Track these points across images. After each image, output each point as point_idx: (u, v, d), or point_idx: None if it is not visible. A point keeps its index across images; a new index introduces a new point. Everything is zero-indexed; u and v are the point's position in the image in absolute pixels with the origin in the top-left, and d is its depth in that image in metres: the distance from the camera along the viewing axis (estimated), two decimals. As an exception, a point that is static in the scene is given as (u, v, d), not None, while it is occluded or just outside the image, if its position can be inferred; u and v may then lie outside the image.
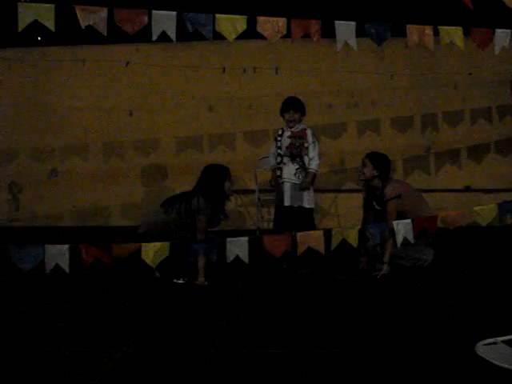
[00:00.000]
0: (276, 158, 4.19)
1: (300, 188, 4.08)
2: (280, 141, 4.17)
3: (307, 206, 4.12)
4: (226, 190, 3.92)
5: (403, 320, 2.99)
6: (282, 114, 4.21)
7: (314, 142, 4.13)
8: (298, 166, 4.11)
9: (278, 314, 3.15)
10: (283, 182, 4.13)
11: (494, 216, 3.35)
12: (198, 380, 2.31)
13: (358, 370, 2.37)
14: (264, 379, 2.31)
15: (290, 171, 4.12)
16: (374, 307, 3.24)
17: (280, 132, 4.21)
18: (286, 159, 4.13)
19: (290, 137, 4.14)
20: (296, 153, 4.10)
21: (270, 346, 2.66)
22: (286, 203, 4.11)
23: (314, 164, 4.10)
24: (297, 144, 4.10)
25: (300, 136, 4.12)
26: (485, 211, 3.36)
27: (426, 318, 3.02)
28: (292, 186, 4.11)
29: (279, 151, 4.15)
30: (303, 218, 4.09)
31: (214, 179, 3.91)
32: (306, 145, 4.10)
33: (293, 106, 4.14)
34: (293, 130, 4.15)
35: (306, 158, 4.11)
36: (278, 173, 4.15)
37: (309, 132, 4.15)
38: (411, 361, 2.44)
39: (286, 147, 4.13)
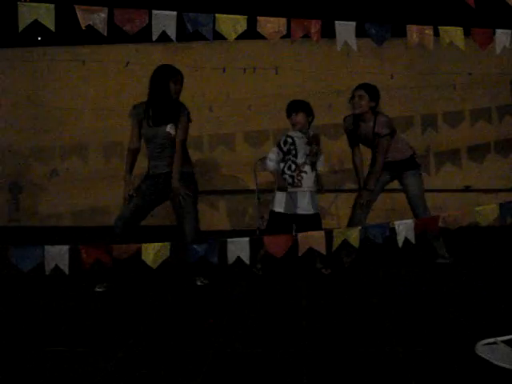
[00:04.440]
0: (290, 167, 3.96)
1: (322, 192, 4.08)
2: (295, 149, 3.95)
3: (315, 212, 4.00)
4: (171, 92, 3.70)
5: (403, 320, 3.00)
6: (289, 116, 4.06)
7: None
8: (315, 173, 4.01)
9: (279, 314, 3.15)
10: (301, 192, 3.93)
11: (495, 217, 3.35)
12: (198, 380, 2.31)
13: (358, 370, 2.37)
14: (264, 379, 2.31)
15: (310, 180, 3.96)
16: (374, 307, 3.24)
17: (290, 141, 3.96)
18: (307, 167, 3.95)
19: (308, 143, 3.96)
20: (315, 160, 3.98)
21: (270, 346, 2.66)
22: (305, 211, 3.93)
23: (321, 165, 4.04)
24: (314, 150, 3.96)
25: (317, 140, 3.98)
26: (486, 211, 3.35)
27: (426, 317, 3.02)
28: (310, 194, 3.96)
29: (294, 159, 3.95)
30: (317, 223, 3.96)
31: (157, 80, 3.71)
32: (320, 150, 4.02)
33: (294, 111, 4.01)
34: (306, 134, 3.99)
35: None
36: (290, 181, 3.93)
37: (320, 136, 4.06)
38: (411, 361, 2.44)
39: (307, 155, 3.95)
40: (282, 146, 3.99)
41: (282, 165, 4.00)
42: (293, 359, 2.50)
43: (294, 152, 3.96)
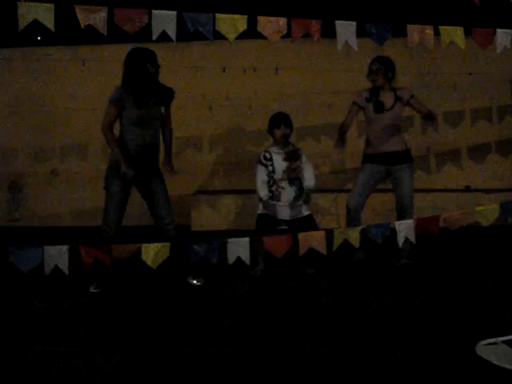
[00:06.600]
0: (269, 181, 4.02)
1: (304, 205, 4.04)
2: (272, 165, 4.01)
3: (307, 213, 4.04)
4: (151, 72, 3.70)
5: (403, 320, 2.99)
6: (271, 132, 4.06)
7: (307, 161, 4.07)
8: (296, 189, 4.00)
9: (279, 314, 3.15)
10: (279, 206, 4.00)
11: (496, 216, 3.35)
12: (199, 380, 2.31)
13: (358, 370, 2.37)
14: (264, 379, 2.31)
15: (289, 196, 4.00)
16: (374, 307, 3.24)
17: (268, 156, 4.03)
18: (284, 184, 3.99)
19: (285, 159, 4.00)
20: (294, 176, 4.00)
21: (270, 346, 2.66)
22: (287, 217, 4.00)
23: (312, 183, 4.02)
24: (293, 167, 3.99)
25: (295, 157, 4.01)
26: (487, 211, 3.35)
27: (426, 318, 3.02)
28: (290, 205, 4.00)
29: (273, 174, 4.01)
30: (309, 225, 3.94)
31: (132, 62, 3.74)
32: (301, 166, 4.02)
33: (282, 121, 4.00)
34: (285, 150, 4.02)
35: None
36: (270, 194, 3.99)
37: (302, 152, 4.08)
38: (411, 361, 2.44)
39: (284, 171, 3.99)
40: (264, 161, 4.05)
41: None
42: (293, 359, 2.50)
43: (271, 168, 4.02)
